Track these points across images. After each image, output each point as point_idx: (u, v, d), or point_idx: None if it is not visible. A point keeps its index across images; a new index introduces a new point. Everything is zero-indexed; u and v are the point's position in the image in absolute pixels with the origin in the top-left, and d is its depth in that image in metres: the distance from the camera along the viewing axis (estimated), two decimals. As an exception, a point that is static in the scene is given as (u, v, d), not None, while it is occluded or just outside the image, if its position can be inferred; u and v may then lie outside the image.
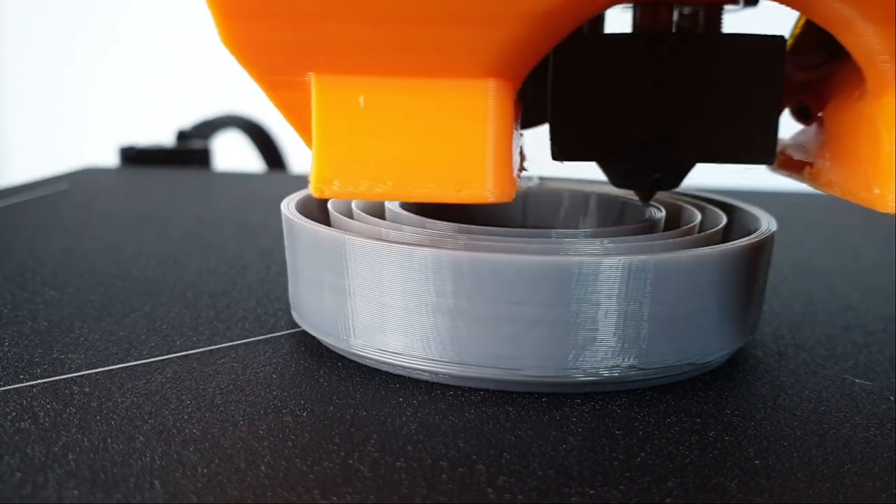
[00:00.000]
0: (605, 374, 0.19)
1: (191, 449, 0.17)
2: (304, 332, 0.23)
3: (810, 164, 0.21)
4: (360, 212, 0.23)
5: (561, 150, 0.20)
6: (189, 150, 0.62)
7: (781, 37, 0.20)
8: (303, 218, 0.22)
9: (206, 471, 0.16)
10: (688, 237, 0.21)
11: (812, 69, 0.21)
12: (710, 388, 0.20)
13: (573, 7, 0.16)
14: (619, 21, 0.22)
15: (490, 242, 0.20)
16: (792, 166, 0.22)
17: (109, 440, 0.17)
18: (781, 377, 0.21)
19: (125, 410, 0.18)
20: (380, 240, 0.20)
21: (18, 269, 0.30)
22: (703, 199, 0.26)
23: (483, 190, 0.17)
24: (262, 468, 0.16)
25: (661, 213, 0.24)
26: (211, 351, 0.22)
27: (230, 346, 0.23)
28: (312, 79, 0.17)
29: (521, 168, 0.20)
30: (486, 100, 0.16)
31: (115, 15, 1.13)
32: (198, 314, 0.25)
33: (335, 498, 0.15)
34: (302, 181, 0.27)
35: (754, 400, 0.20)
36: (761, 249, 0.21)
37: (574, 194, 0.27)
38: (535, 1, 0.15)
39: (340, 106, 0.17)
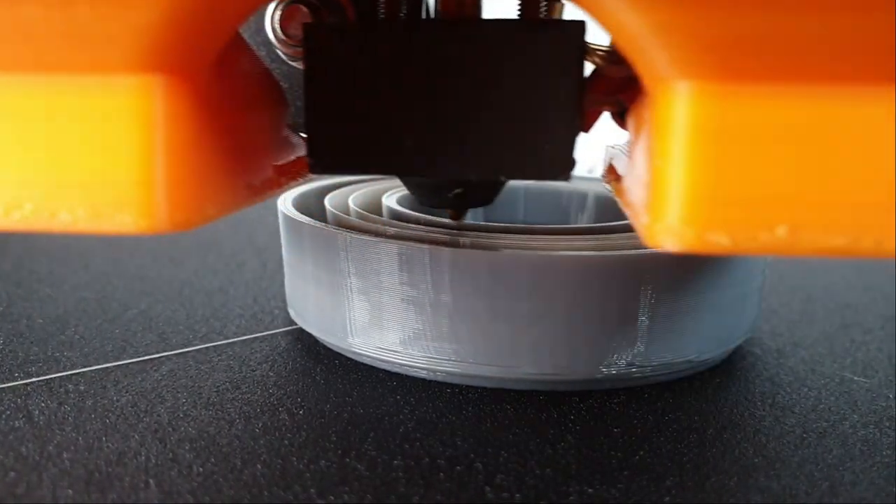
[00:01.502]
0: (604, 371, 0.19)
1: (186, 447, 0.17)
2: (301, 330, 0.23)
3: (619, 179, 0.17)
4: (357, 209, 0.23)
5: (318, 162, 0.16)
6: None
7: (581, 22, 0.15)
8: (300, 215, 0.22)
9: (201, 470, 0.16)
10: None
11: (624, 63, 0.16)
12: (709, 386, 0.20)
13: None
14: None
15: (489, 240, 0.20)
16: (613, 178, 0.18)
17: (104, 439, 0.17)
18: (780, 375, 0.21)
19: (120, 408, 0.18)
20: (377, 237, 0.20)
21: (14, 267, 0.30)
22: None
23: (148, 217, 0.13)
24: (259, 467, 0.16)
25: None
26: (207, 348, 0.22)
27: (226, 343, 0.22)
28: None
29: (292, 176, 0.18)
30: (146, 100, 0.12)
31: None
32: (194, 312, 0.25)
33: (332, 497, 0.15)
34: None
35: (753, 398, 0.20)
36: (760, 247, 0.21)
37: (572, 192, 0.27)
38: None
39: None
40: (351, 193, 0.25)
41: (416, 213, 0.22)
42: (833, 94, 0.11)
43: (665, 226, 0.12)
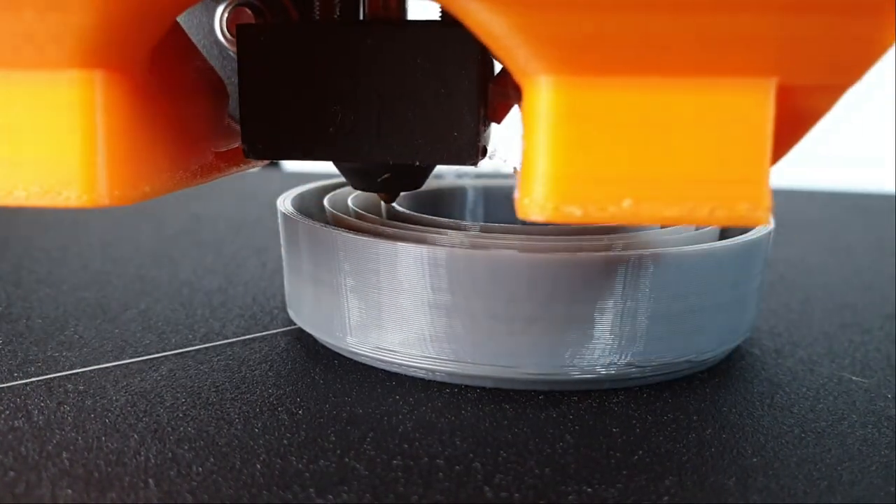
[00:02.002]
0: (602, 371, 0.19)
1: (185, 447, 0.17)
2: (300, 330, 0.23)
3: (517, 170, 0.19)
4: (356, 209, 0.23)
5: (251, 148, 0.19)
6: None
7: None
8: (299, 215, 0.22)
9: (200, 469, 0.16)
10: (685, 234, 0.21)
11: None
12: (708, 386, 0.20)
13: None
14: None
15: (486, 240, 0.20)
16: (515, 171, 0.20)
17: (104, 438, 0.17)
18: (779, 375, 0.21)
19: (120, 408, 0.18)
20: (376, 237, 0.20)
21: (13, 267, 0.30)
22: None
23: (90, 192, 0.15)
24: (258, 467, 0.16)
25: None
26: (206, 349, 0.22)
27: (225, 343, 0.22)
28: None
29: (232, 164, 0.19)
30: (87, 92, 0.15)
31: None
32: (193, 312, 0.25)
33: (331, 496, 0.15)
34: (298, 179, 0.27)
35: (751, 397, 0.20)
36: (758, 247, 0.21)
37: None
38: None
39: None
40: (350, 194, 0.25)
41: (416, 214, 0.22)
42: (663, 85, 0.13)
43: (531, 200, 0.14)
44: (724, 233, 0.23)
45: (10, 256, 0.31)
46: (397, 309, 0.20)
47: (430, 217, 0.22)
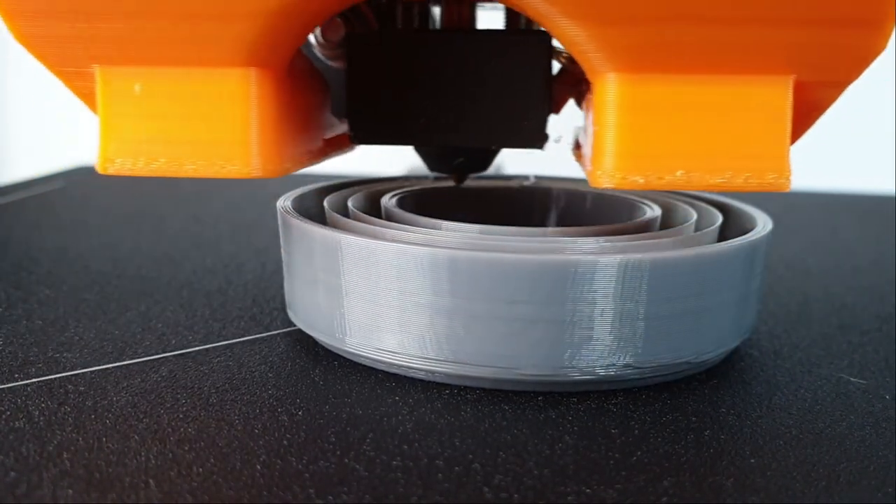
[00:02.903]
0: (601, 372, 0.19)
1: (186, 448, 0.17)
2: (300, 331, 0.23)
3: (579, 148, 0.22)
4: (356, 210, 0.23)
5: (356, 135, 0.23)
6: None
7: (547, 33, 0.21)
8: (299, 216, 0.22)
9: (201, 470, 0.16)
10: (683, 236, 0.21)
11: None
12: (706, 387, 0.21)
13: (304, 5, 0.18)
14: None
15: (486, 241, 0.20)
16: (575, 151, 0.24)
17: (104, 439, 0.17)
18: (777, 376, 0.21)
19: (120, 409, 0.18)
20: (375, 238, 0.20)
21: (13, 268, 0.30)
22: (699, 199, 0.26)
23: (246, 167, 0.19)
24: (258, 467, 0.16)
25: (656, 212, 0.24)
26: (206, 349, 0.22)
27: (226, 344, 0.22)
28: (96, 70, 0.19)
29: (333, 151, 0.23)
30: (244, 86, 0.18)
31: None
32: (193, 313, 0.25)
33: (331, 497, 0.15)
34: (298, 180, 0.27)
35: (750, 399, 0.20)
36: (757, 249, 0.21)
37: (570, 193, 0.27)
38: (264, 1, 0.17)
39: (119, 93, 0.19)
40: (350, 195, 0.25)
41: (415, 215, 0.22)
42: (705, 81, 0.17)
43: (602, 171, 0.18)
44: (723, 235, 0.23)
45: (10, 257, 0.31)
46: (397, 310, 0.20)
47: (430, 219, 0.22)
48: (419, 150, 0.26)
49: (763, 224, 0.22)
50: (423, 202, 0.26)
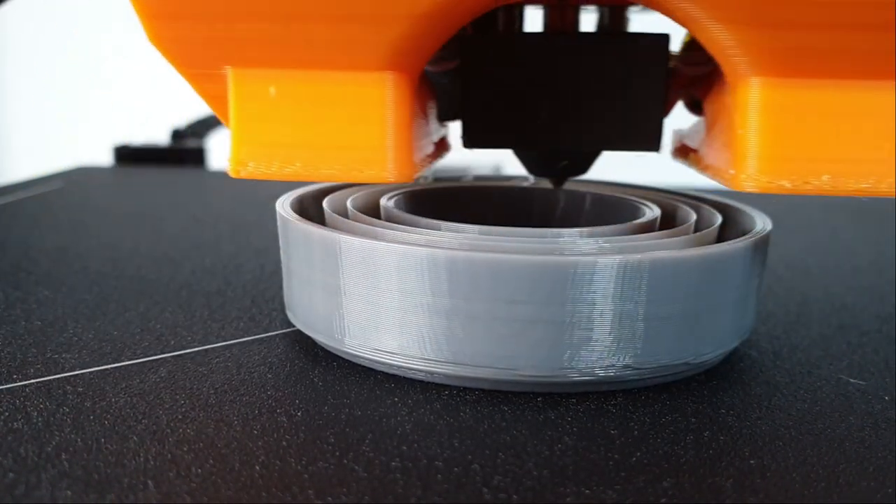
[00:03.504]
0: (601, 373, 0.19)
1: (185, 449, 0.17)
2: (299, 332, 0.23)
3: (695, 151, 0.22)
4: (355, 211, 0.23)
5: (470, 139, 0.22)
6: (184, 149, 0.61)
7: (666, 35, 0.21)
8: (298, 217, 0.22)
9: (200, 471, 0.16)
10: (683, 237, 0.21)
11: (698, 65, 0.22)
12: (706, 388, 0.21)
13: (451, 9, 0.17)
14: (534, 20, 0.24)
15: (485, 242, 0.20)
16: (684, 154, 0.23)
17: (103, 440, 0.17)
18: (776, 377, 0.21)
19: (119, 410, 0.18)
20: (375, 239, 0.20)
21: (12, 268, 0.30)
22: (699, 199, 0.26)
23: (384, 171, 0.18)
24: (257, 468, 0.16)
25: (656, 213, 0.24)
26: (205, 350, 0.22)
27: (224, 345, 0.22)
28: (229, 72, 0.19)
29: (438, 155, 0.22)
30: (383, 90, 0.18)
31: (111, 12, 1.13)
32: (192, 314, 0.25)
33: (330, 498, 0.15)
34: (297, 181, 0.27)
35: (749, 400, 0.20)
36: (756, 249, 0.21)
37: (569, 194, 0.27)
38: (415, 4, 0.17)
39: (253, 96, 0.19)
40: (349, 196, 0.25)
41: (414, 216, 0.22)
42: (851, 86, 0.17)
43: (747, 175, 0.18)
44: (722, 235, 0.23)
45: (8, 258, 0.31)
46: (396, 311, 0.20)
47: (429, 219, 0.22)
48: (520, 152, 0.25)
49: (762, 224, 0.22)
50: (422, 203, 0.26)
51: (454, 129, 0.24)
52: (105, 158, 0.62)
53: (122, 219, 0.39)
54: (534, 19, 0.24)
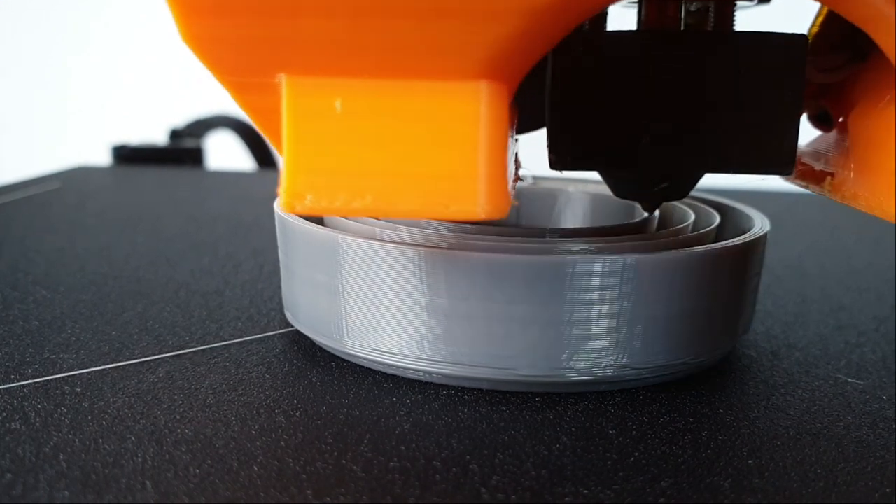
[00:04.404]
0: (599, 373, 0.19)
1: (183, 449, 0.17)
2: (297, 332, 0.23)
3: (831, 175, 0.19)
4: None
5: (560, 159, 0.18)
6: (182, 149, 0.61)
7: (803, 35, 0.18)
8: (296, 217, 0.22)
9: (198, 471, 0.16)
10: (681, 237, 0.21)
11: (832, 71, 0.19)
12: (704, 388, 0.21)
13: (575, 2, 0.14)
14: (623, 18, 0.21)
15: (484, 242, 0.20)
16: (811, 177, 0.20)
17: (101, 440, 0.17)
18: (774, 377, 0.21)
19: (117, 410, 0.18)
20: (373, 239, 0.20)
21: (10, 269, 0.30)
22: (696, 199, 0.26)
23: (475, 206, 0.15)
24: (255, 468, 0.16)
25: (654, 213, 0.24)
26: (203, 350, 0.22)
27: (223, 345, 0.22)
28: (283, 80, 0.15)
29: (517, 178, 0.19)
30: (479, 104, 0.14)
31: (108, 11, 1.13)
32: (190, 314, 0.25)
33: (328, 498, 0.15)
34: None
35: (747, 399, 0.20)
36: (754, 249, 0.21)
37: (568, 194, 0.27)
38: None
39: (314, 111, 0.15)
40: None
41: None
42: None
43: None
44: (720, 235, 0.23)
45: (6, 258, 0.31)
46: (395, 311, 0.20)
47: (429, 220, 0.22)
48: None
49: (760, 224, 0.22)
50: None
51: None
52: (103, 158, 0.62)
53: (120, 219, 0.39)
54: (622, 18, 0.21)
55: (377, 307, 0.20)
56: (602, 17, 0.20)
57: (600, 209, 0.27)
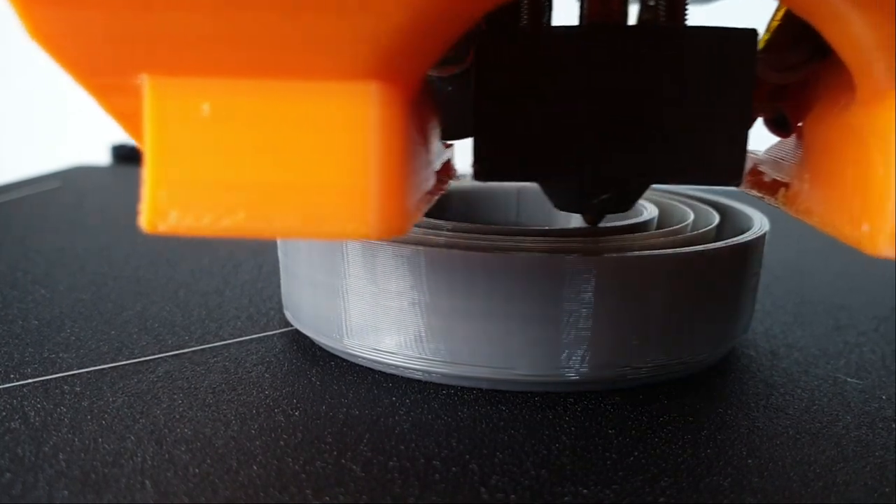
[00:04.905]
0: (598, 373, 0.19)
1: (182, 448, 0.17)
2: (297, 331, 0.23)
3: (786, 186, 0.17)
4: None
5: (484, 169, 0.16)
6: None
7: (753, 30, 0.16)
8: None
9: (197, 471, 0.16)
10: (680, 236, 0.21)
11: (790, 70, 0.17)
12: (703, 387, 0.21)
13: None
14: (567, 11, 0.19)
15: (484, 242, 0.20)
16: (765, 187, 0.18)
17: (100, 440, 0.17)
18: (774, 376, 0.21)
19: (116, 410, 0.18)
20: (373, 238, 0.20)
21: (9, 268, 0.30)
22: (696, 199, 0.26)
23: (363, 224, 0.13)
24: (255, 468, 0.16)
25: (653, 213, 0.24)
26: (203, 350, 0.22)
27: (222, 345, 0.22)
28: (145, 81, 0.13)
29: (441, 188, 0.17)
30: (367, 108, 0.12)
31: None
32: (190, 313, 0.25)
33: (328, 498, 0.15)
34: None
35: (747, 399, 0.20)
36: (753, 249, 0.21)
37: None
38: None
39: (179, 115, 0.13)
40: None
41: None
42: None
43: (887, 234, 0.12)
44: (720, 235, 0.23)
45: (6, 257, 0.31)
46: (394, 310, 0.20)
47: (427, 219, 0.22)
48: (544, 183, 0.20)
49: (760, 224, 0.22)
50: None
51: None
52: (103, 157, 0.62)
53: (119, 218, 0.39)
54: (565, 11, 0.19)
55: (377, 307, 0.20)
56: (539, 9, 0.18)
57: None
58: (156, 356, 0.21)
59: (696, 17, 0.18)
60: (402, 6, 0.12)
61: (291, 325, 0.24)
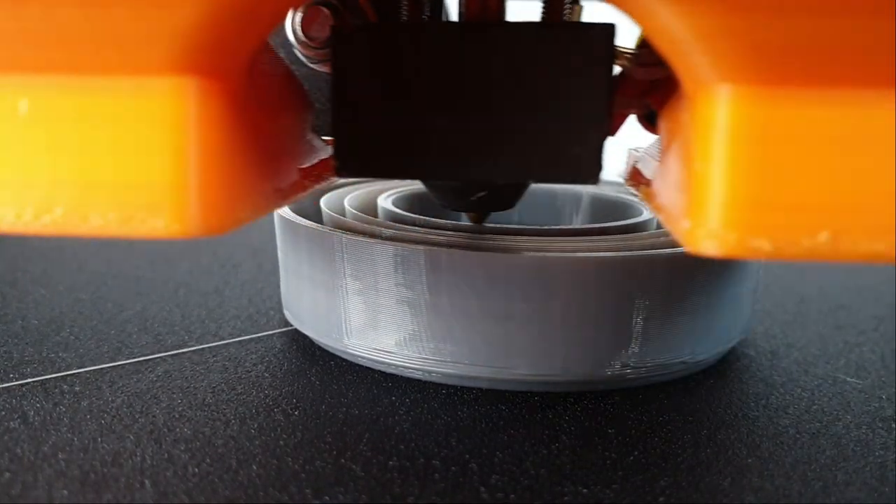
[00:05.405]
0: (598, 372, 0.19)
1: (182, 448, 0.17)
2: (297, 331, 0.23)
3: (647, 183, 0.17)
4: (353, 210, 0.23)
5: (343, 164, 0.16)
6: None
7: (610, 25, 0.15)
8: (296, 216, 0.22)
9: (197, 470, 0.16)
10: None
11: (656, 66, 0.17)
12: (703, 387, 0.21)
13: None
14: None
15: (484, 242, 0.20)
16: (636, 183, 0.18)
17: (100, 439, 0.17)
18: (774, 376, 0.21)
19: (116, 409, 0.18)
20: (373, 238, 0.20)
21: (9, 267, 0.30)
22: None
23: (180, 222, 0.13)
24: (254, 467, 0.16)
25: (653, 212, 0.24)
26: (202, 349, 0.22)
27: (222, 344, 0.22)
28: None
29: (306, 184, 0.17)
30: (178, 102, 0.12)
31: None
32: (189, 313, 0.25)
33: (327, 497, 0.15)
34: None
35: (747, 398, 0.20)
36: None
37: (567, 193, 0.27)
38: None
39: None
40: (346, 195, 0.25)
41: (412, 215, 0.22)
42: (874, 100, 0.11)
43: (707, 230, 0.12)
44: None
45: (5, 257, 0.31)
46: (394, 310, 0.20)
47: (427, 218, 0.22)
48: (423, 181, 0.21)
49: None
50: (419, 202, 0.26)
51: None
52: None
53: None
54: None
55: (377, 306, 0.20)
56: (437, 4, 0.18)
57: (601, 209, 0.27)
58: (155, 356, 0.21)
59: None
60: (194, 4, 0.12)
61: (291, 325, 0.24)
